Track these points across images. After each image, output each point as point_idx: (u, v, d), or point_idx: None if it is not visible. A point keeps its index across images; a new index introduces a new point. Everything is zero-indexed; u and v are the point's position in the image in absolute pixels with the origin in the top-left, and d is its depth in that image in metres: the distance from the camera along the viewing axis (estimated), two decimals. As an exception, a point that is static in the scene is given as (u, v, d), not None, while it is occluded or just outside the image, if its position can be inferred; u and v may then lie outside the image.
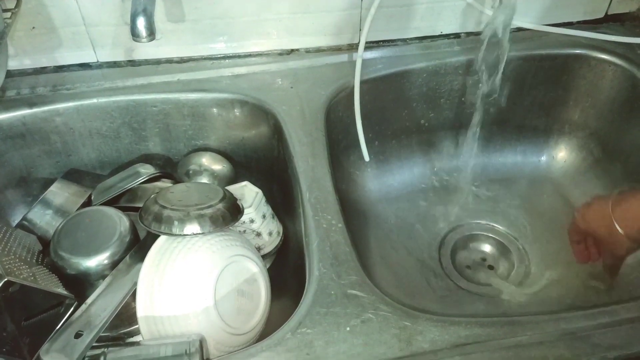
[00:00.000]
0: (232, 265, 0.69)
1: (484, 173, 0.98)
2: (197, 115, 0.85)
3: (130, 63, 0.87)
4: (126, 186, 0.81)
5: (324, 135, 0.78)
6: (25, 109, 0.80)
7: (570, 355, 0.55)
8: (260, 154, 0.89)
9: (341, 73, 0.87)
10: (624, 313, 0.59)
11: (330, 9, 0.85)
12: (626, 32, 0.91)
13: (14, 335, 0.61)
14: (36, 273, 0.66)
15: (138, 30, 0.64)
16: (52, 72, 0.86)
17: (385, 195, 0.96)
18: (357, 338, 0.57)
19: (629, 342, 0.56)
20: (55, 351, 0.59)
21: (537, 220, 0.93)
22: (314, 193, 0.71)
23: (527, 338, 0.56)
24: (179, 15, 0.82)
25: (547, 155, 0.98)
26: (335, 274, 0.63)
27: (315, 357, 0.56)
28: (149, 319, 0.65)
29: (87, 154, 0.87)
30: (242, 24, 0.85)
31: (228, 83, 0.85)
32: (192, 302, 0.65)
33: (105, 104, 0.83)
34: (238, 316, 0.68)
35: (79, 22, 0.81)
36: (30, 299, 0.63)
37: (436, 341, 0.57)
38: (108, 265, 0.69)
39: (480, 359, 0.55)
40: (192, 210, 0.69)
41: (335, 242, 0.66)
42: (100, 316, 0.63)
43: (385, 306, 0.60)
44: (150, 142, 0.88)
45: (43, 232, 0.77)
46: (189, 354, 0.60)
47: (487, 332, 0.57)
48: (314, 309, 0.60)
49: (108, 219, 0.72)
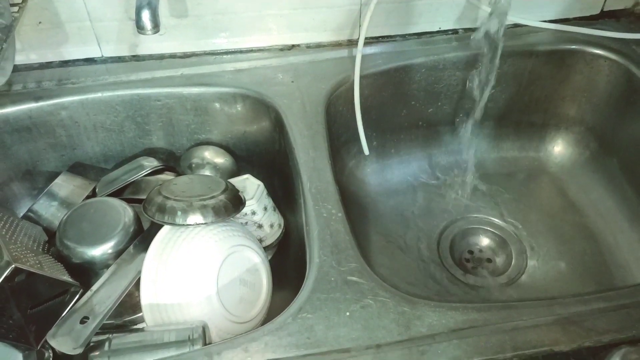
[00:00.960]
0: (234, 254, 0.70)
1: (482, 167, 0.99)
2: (200, 109, 0.86)
3: (135, 58, 0.89)
4: (130, 179, 0.82)
5: (324, 128, 0.79)
6: (31, 102, 0.82)
7: (565, 339, 0.56)
8: (262, 148, 0.90)
9: (341, 68, 0.88)
10: (618, 299, 0.60)
11: (330, 5, 0.87)
12: (621, 28, 0.92)
13: (20, 323, 0.63)
14: (42, 261, 0.67)
15: (143, 23, 0.66)
16: (57, 67, 0.87)
17: (385, 189, 0.97)
18: (356, 322, 0.58)
19: (623, 327, 0.57)
20: (62, 335, 0.60)
21: (535, 214, 0.94)
22: (314, 183, 0.72)
23: (523, 322, 0.57)
24: (182, 11, 0.84)
25: (545, 150, 1.00)
26: (335, 261, 0.64)
27: (315, 340, 0.57)
28: (153, 307, 0.66)
29: (91, 147, 0.88)
30: (243, 20, 0.87)
31: (230, 78, 0.86)
32: (195, 290, 0.66)
33: (110, 98, 0.84)
34: (240, 305, 0.69)
35: (85, 18, 0.82)
36: (36, 287, 0.64)
37: (434, 326, 0.58)
38: (112, 255, 0.71)
39: (477, 343, 0.56)
40: (195, 201, 0.70)
41: (335, 230, 0.67)
42: (105, 303, 0.65)
43: (384, 292, 0.61)
44: (153, 136, 0.89)
45: (48, 223, 0.79)
46: (192, 340, 0.61)
47: (484, 317, 0.58)
48: (314, 295, 0.61)
49: (113, 210, 0.74)
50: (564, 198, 0.95)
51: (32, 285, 0.64)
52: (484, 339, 0.56)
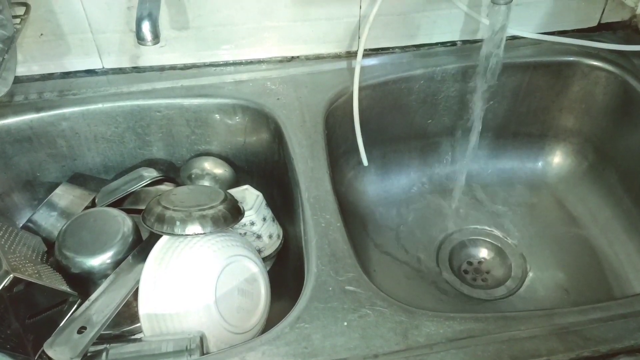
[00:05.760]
0: (232, 264, 0.70)
1: (481, 178, 0.99)
2: (200, 120, 0.87)
3: (135, 69, 0.89)
4: (130, 189, 0.83)
5: (323, 139, 0.80)
6: (33, 113, 0.82)
7: (563, 349, 0.56)
8: (261, 158, 0.90)
9: (340, 79, 0.88)
10: (616, 309, 0.60)
11: (329, 17, 0.88)
12: (618, 40, 0.93)
13: (18, 333, 0.63)
14: (41, 271, 0.67)
15: (143, 34, 0.66)
16: (59, 78, 0.88)
17: (384, 200, 0.97)
18: (354, 332, 0.58)
19: (621, 336, 0.57)
20: (59, 345, 0.60)
21: (534, 225, 0.94)
22: (312, 193, 0.72)
23: (520, 332, 0.57)
24: (182, 23, 0.85)
25: (543, 161, 1.00)
26: (333, 271, 0.64)
27: (312, 350, 0.57)
28: (151, 316, 0.66)
29: (92, 158, 0.89)
30: (244, 32, 0.88)
31: (230, 89, 0.87)
32: (193, 300, 0.66)
33: (110, 108, 0.85)
34: (238, 315, 0.69)
35: (86, 30, 0.83)
36: (35, 297, 0.64)
37: (432, 335, 0.58)
38: (111, 265, 0.71)
39: (475, 352, 0.56)
40: (194, 211, 0.70)
41: (333, 240, 0.67)
42: (103, 313, 0.65)
43: (381, 302, 0.61)
44: (153, 147, 0.90)
45: (47, 233, 0.79)
46: (189, 350, 0.61)
47: (482, 327, 0.58)
48: (312, 304, 0.61)
49: (112, 220, 0.74)
50: (562, 209, 0.96)
51: (30, 295, 0.64)
52: (481, 349, 0.56)
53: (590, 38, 0.93)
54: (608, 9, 0.94)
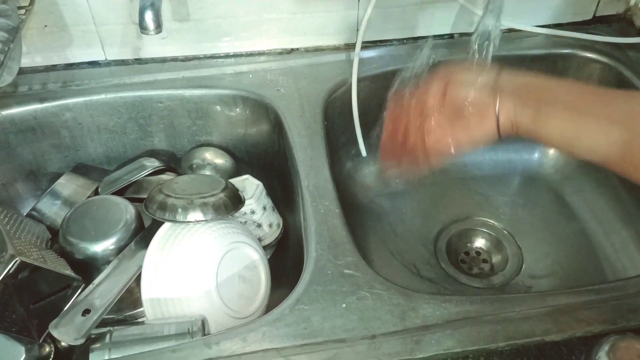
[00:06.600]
0: (233, 251, 0.72)
1: (478, 169, 1.00)
2: (201, 111, 0.88)
3: (137, 61, 0.91)
4: (132, 178, 0.84)
5: (322, 128, 0.81)
6: (36, 103, 0.84)
7: (556, 329, 0.57)
8: (261, 149, 0.91)
9: (339, 71, 0.90)
10: (609, 291, 0.61)
11: (328, 10, 0.89)
12: (613, 33, 0.94)
13: (22, 317, 0.64)
14: (45, 256, 0.68)
15: (146, 23, 0.68)
16: (62, 69, 0.89)
17: (383, 191, 0.98)
18: (352, 314, 0.60)
19: (613, 318, 0.58)
20: (64, 326, 0.61)
21: (530, 215, 0.95)
22: (312, 180, 0.74)
23: (515, 314, 0.59)
24: (183, 15, 0.86)
25: (539, 152, 1.01)
26: (332, 255, 0.65)
27: (312, 331, 0.58)
28: (154, 301, 0.67)
29: (94, 148, 0.90)
30: (244, 24, 0.89)
31: (230, 80, 0.88)
32: (195, 285, 0.67)
33: (113, 99, 0.86)
34: (239, 300, 0.71)
35: (89, 21, 0.85)
36: (40, 281, 0.66)
37: (428, 317, 0.59)
38: (114, 251, 0.72)
39: (470, 333, 0.57)
40: (196, 199, 0.72)
41: (332, 226, 0.68)
42: (107, 296, 0.66)
43: (379, 285, 0.62)
44: (155, 138, 0.91)
45: (51, 221, 0.80)
46: (191, 332, 0.62)
47: (477, 309, 0.59)
48: (311, 287, 0.62)
49: (115, 207, 0.75)
50: (558, 199, 0.97)
51: (35, 280, 0.65)
52: (476, 330, 0.58)
53: (586, 31, 0.94)
54: (603, 2, 0.95)
